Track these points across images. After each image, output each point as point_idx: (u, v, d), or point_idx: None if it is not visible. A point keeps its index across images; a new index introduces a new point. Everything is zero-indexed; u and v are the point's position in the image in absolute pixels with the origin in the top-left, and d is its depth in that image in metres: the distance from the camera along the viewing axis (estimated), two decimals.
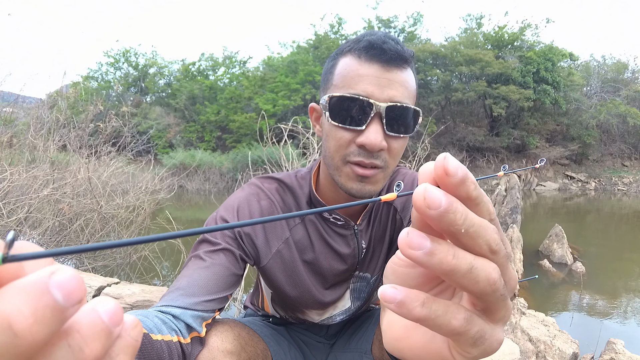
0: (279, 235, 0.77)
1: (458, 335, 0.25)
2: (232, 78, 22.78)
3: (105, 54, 24.97)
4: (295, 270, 0.78)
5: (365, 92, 0.63)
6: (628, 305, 3.93)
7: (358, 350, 0.90)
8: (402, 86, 0.64)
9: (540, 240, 5.82)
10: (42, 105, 4.59)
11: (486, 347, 0.26)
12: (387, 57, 0.63)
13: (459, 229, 0.23)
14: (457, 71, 18.83)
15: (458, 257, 0.23)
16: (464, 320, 0.24)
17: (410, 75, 0.67)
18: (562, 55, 18.58)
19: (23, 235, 3.05)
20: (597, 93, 19.82)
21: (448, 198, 0.22)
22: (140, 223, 3.69)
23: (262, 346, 0.80)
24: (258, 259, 0.76)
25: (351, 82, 0.64)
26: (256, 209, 0.75)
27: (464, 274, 0.23)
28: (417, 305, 0.24)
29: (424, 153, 3.50)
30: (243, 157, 14.09)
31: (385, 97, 0.63)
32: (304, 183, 0.80)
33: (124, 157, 4.44)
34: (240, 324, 0.78)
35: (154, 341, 0.51)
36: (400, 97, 0.64)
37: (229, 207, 0.75)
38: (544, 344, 2.26)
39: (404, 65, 0.65)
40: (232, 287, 0.70)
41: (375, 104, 0.62)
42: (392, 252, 0.85)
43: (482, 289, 0.24)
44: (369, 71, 0.64)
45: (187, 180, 14.31)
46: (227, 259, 0.69)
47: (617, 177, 18.26)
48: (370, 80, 0.63)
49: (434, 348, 0.28)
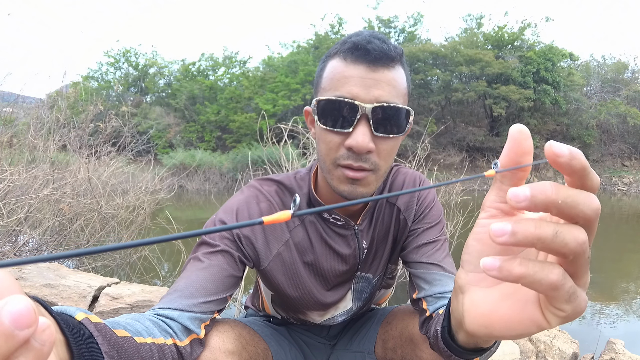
0: (279, 237, 0.76)
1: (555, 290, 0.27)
2: (232, 78, 22.78)
3: (105, 54, 24.99)
4: (296, 272, 0.78)
5: (351, 93, 0.62)
6: (628, 305, 3.93)
7: (360, 350, 0.90)
8: (389, 85, 0.64)
9: None
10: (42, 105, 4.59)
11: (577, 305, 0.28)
12: (372, 57, 0.63)
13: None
14: (457, 71, 18.83)
15: (540, 226, 0.25)
16: (560, 274, 0.27)
17: (400, 73, 0.66)
18: (562, 55, 18.58)
19: (23, 235, 3.06)
20: (597, 93, 19.82)
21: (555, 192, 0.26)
22: (140, 223, 3.69)
23: (263, 346, 0.80)
24: (258, 261, 0.76)
25: (337, 84, 0.64)
26: (255, 211, 0.75)
27: (552, 239, 0.25)
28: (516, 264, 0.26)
29: (424, 153, 3.50)
30: (243, 157, 14.09)
31: (371, 97, 0.62)
32: (303, 184, 0.80)
33: (124, 157, 4.43)
34: (241, 323, 0.78)
35: (138, 344, 0.50)
36: (388, 96, 0.63)
37: (228, 210, 0.75)
38: (544, 344, 2.26)
39: (391, 64, 0.64)
40: (231, 288, 0.70)
41: (360, 106, 0.62)
42: (395, 252, 0.84)
43: (572, 249, 0.26)
44: (355, 72, 0.63)
45: (187, 180, 14.31)
46: (226, 260, 0.69)
47: (617, 177, 18.27)
48: (355, 81, 0.63)
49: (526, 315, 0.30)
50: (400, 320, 0.83)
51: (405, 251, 0.81)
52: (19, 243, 3.03)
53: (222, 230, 0.21)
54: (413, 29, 21.94)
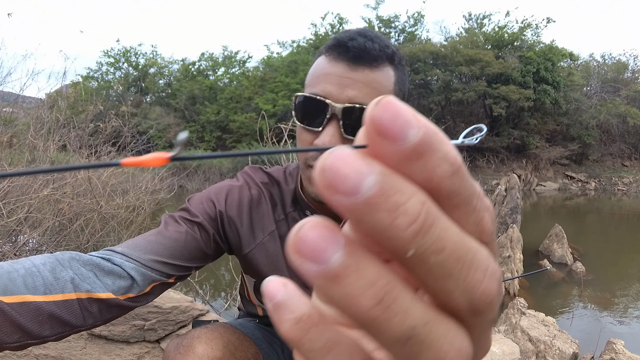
0: (265, 226, 0.76)
1: None
2: (232, 78, 22.80)
3: (105, 54, 24.98)
4: (278, 265, 0.78)
5: (324, 91, 0.61)
6: (628, 305, 3.93)
7: None
8: (367, 86, 0.60)
9: (540, 240, 5.82)
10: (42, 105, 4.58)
11: None
12: (351, 56, 0.60)
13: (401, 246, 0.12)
14: (457, 71, 18.84)
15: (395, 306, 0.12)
16: None
17: (385, 74, 0.62)
18: (562, 55, 18.60)
19: (23, 235, 3.06)
20: (597, 93, 19.83)
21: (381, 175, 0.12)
22: (140, 223, 3.69)
23: (254, 350, 0.80)
24: (239, 246, 0.76)
25: (316, 81, 0.63)
26: (246, 195, 0.75)
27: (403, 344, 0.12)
28: None
29: None
30: (243, 157, 14.06)
31: (344, 97, 0.60)
32: (291, 180, 0.80)
33: (124, 157, 4.42)
34: (231, 328, 0.78)
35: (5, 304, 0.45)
36: (363, 98, 0.60)
37: (220, 191, 0.75)
38: (544, 344, 2.26)
39: (374, 64, 0.61)
40: (197, 261, 0.69)
41: (331, 105, 0.60)
42: None
43: None
44: (334, 70, 0.61)
45: (187, 180, 14.29)
46: (200, 233, 0.69)
47: (617, 177, 18.27)
48: (332, 79, 0.61)
49: None
50: None
51: None
52: (19, 243, 3.03)
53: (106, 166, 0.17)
54: (413, 29, 21.96)
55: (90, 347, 1.47)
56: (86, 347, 1.46)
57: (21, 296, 0.47)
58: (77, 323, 0.52)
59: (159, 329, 1.50)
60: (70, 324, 0.51)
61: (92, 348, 1.47)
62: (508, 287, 4.12)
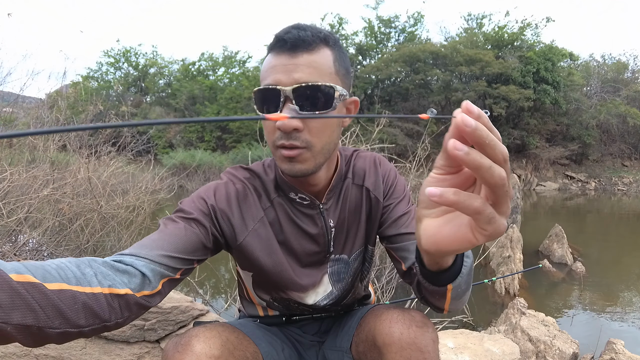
0: (254, 215, 0.81)
1: (478, 214, 0.37)
2: (232, 78, 22.81)
3: (105, 54, 24.99)
4: (272, 248, 0.82)
5: (275, 80, 0.69)
6: (628, 305, 3.93)
7: (340, 348, 0.90)
8: (310, 67, 0.68)
9: (540, 240, 5.82)
10: (42, 105, 4.59)
11: (496, 227, 0.38)
12: (289, 46, 0.68)
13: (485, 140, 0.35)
14: (457, 71, 18.84)
15: (484, 157, 0.35)
16: (482, 202, 0.37)
17: (323, 55, 0.70)
18: (562, 55, 18.59)
19: (23, 235, 3.06)
20: (597, 93, 19.83)
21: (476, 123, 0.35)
22: (140, 223, 3.69)
23: (253, 349, 0.80)
24: (234, 236, 0.79)
25: (265, 75, 0.71)
26: (232, 190, 0.81)
27: (487, 170, 0.35)
28: (451, 193, 0.36)
29: (424, 153, 3.50)
30: (243, 157, 14.10)
31: (292, 80, 0.67)
32: (270, 170, 0.86)
33: (124, 157, 4.43)
34: (230, 327, 0.78)
35: (49, 291, 0.48)
36: (308, 77, 0.68)
37: (208, 189, 0.80)
38: (544, 344, 2.26)
39: (310, 48, 0.69)
40: (199, 253, 0.72)
41: (282, 89, 0.67)
42: (372, 232, 0.89)
43: (496, 182, 0.36)
44: (278, 61, 0.69)
45: (187, 180, 14.29)
46: (198, 228, 0.73)
47: (617, 177, 18.28)
48: (279, 69, 0.69)
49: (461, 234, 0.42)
50: (367, 324, 0.82)
51: (382, 227, 0.86)
52: (18, 243, 3.03)
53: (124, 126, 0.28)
54: (413, 29, 21.96)
55: (90, 347, 1.47)
56: (86, 347, 1.46)
57: (59, 284, 0.49)
58: (105, 317, 0.54)
59: (159, 329, 1.50)
60: (100, 316, 0.53)
61: (92, 348, 1.47)
62: (508, 287, 4.12)
